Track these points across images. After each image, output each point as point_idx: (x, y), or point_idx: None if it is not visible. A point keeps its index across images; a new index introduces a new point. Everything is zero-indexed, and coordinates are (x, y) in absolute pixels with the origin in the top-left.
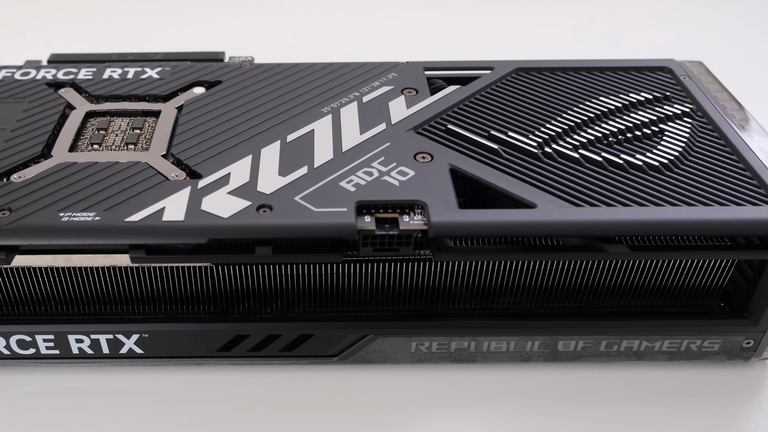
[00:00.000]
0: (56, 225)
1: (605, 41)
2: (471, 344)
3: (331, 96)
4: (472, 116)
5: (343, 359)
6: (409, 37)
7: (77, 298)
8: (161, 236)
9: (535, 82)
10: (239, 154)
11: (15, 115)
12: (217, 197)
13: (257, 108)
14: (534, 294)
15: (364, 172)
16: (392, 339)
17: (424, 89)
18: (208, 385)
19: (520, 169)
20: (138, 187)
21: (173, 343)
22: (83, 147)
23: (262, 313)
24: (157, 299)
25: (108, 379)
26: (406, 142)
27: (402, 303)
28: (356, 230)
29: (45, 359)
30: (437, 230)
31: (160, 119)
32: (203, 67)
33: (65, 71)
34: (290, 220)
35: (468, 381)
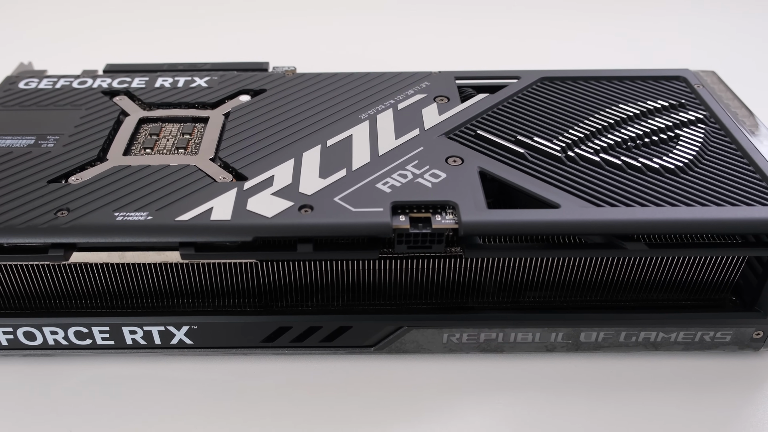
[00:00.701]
0: (111, 224)
1: (624, 52)
2: (499, 335)
3: (368, 103)
4: (500, 122)
5: (379, 349)
6: (441, 48)
7: (131, 292)
8: (209, 234)
9: (559, 90)
10: (282, 158)
11: (73, 122)
12: (262, 198)
13: (299, 115)
14: (558, 288)
15: (399, 175)
16: (425, 330)
17: (455, 97)
18: (253, 374)
19: (545, 172)
20: (188, 189)
21: (220, 335)
22: (136, 151)
23: (303, 307)
24: (206, 293)
25: (159, 368)
26: (439, 146)
27: (434, 297)
28: (392, 229)
29: (100, 349)
30: (467, 229)
31: (209, 125)
32: (248, 77)
33: (120, 80)
34: (330, 220)
35: (496, 370)
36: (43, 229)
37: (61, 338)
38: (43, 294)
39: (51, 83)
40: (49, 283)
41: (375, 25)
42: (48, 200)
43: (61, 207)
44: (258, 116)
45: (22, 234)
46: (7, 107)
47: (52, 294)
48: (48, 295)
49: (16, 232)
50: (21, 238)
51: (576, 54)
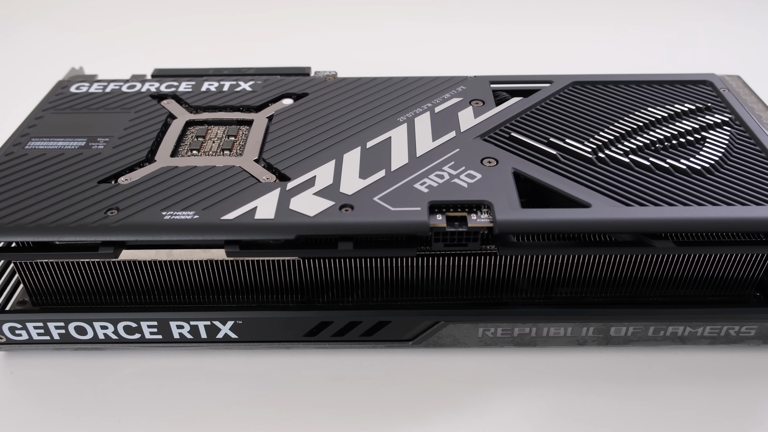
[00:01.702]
0: (159, 223)
1: (652, 57)
2: (532, 330)
3: (406, 107)
4: (533, 125)
5: (417, 343)
6: (476, 53)
7: (178, 288)
8: (254, 233)
9: (590, 94)
10: (324, 159)
11: (122, 124)
12: (304, 198)
13: (340, 117)
14: (589, 285)
15: (436, 175)
16: (461, 325)
17: (490, 100)
18: (295, 367)
19: (576, 173)
20: (233, 189)
21: (264, 329)
22: (183, 152)
23: (344, 302)
24: (250, 289)
25: (205, 361)
26: (474, 148)
27: (470, 293)
28: (429, 227)
29: (149, 343)
30: (502, 227)
31: (253, 127)
32: (291, 81)
33: (167, 84)
34: (369, 218)
35: (529, 363)
36: (93, 227)
37: (110, 332)
38: (94, 290)
39: (101, 87)
40: (100, 279)
41: (413, 30)
42: (98, 200)
43: (111, 206)
44: (300, 119)
45: (74, 232)
46: (59, 110)
47: (102, 290)
48: (98, 291)
49: (67, 231)
50: (72, 236)
51: (606, 59)
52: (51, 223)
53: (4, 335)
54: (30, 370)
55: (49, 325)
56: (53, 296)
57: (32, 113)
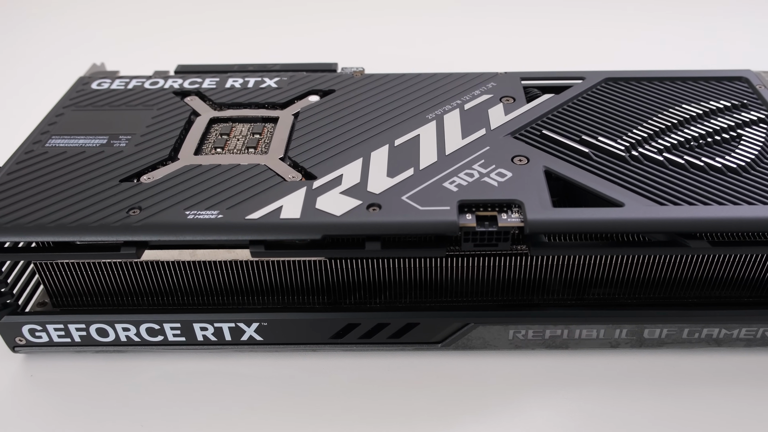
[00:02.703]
0: (182, 222)
1: (687, 53)
2: (564, 332)
3: (435, 104)
4: (565, 122)
5: (446, 346)
6: (506, 49)
7: (201, 289)
8: (279, 233)
9: (623, 90)
10: (351, 157)
11: (145, 121)
12: (331, 197)
13: (367, 115)
14: (622, 285)
15: (465, 174)
16: (491, 327)
17: (520, 97)
18: (322, 370)
19: (609, 171)
20: (258, 188)
21: (290, 331)
22: (207, 150)
23: (371, 304)
24: (275, 290)
25: (230, 364)
26: (505, 146)
27: (500, 294)
28: (458, 227)
29: (172, 345)
30: (533, 227)
31: (278, 125)
32: (317, 77)
33: (191, 81)
34: (398, 218)
35: (561, 365)
36: (115, 227)
37: (133, 334)
38: (116, 291)
39: (123, 84)
40: (122, 280)
41: (442, 26)
42: (120, 199)
43: (133, 205)
44: (327, 116)
45: (95, 232)
46: (80, 107)
47: (124, 291)
48: (120, 292)
49: (89, 231)
50: (94, 236)
51: (639, 54)
52: (72, 222)
53: (23, 337)
54: (50, 373)
55: (69, 327)
56: (74, 297)
57: (53, 110)
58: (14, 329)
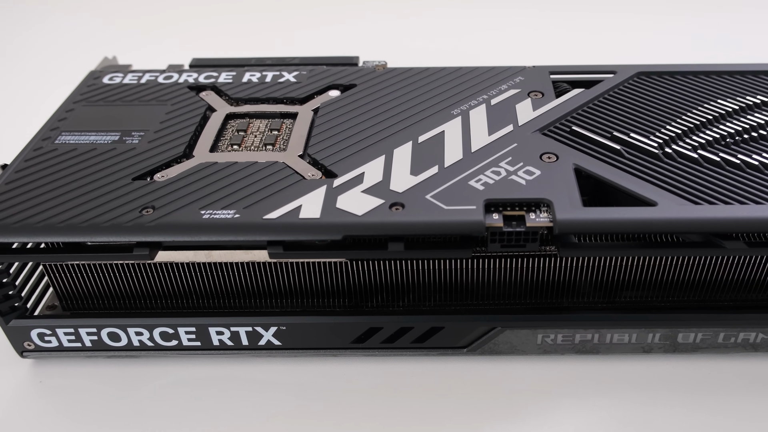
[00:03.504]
0: (197, 222)
1: (723, 46)
2: (594, 336)
3: (460, 99)
4: (596, 118)
5: (472, 350)
6: (535, 42)
7: (217, 292)
8: (298, 233)
9: (656, 85)
10: (373, 155)
11: (158, 117)
12: (352, 195)
13: (390, 110)
14: (655, 288)
15: (492, 172)
16: (519, 331)
17: (549, 92)
18: (342, 376)
19: (642, 169)
20: (276, 186)
21: (309, 335)
22: (223, 147)
23: (394, 307)
24: (294, 293)
25: (247, 370)
26: (533, 142)
27: (528, 297)
28: (485, 227)
29: (187, 350)
30: (562, 227)
31: (297, 121)
32: (338, 71)
33: (206, 75)
34: (421, 218)
35: (591, 371)
36: (127, 227)
37: (146, 339)
38: (128, 294)
39: (136, 78)
40: (134, 282)
41: (468, 18)
42: (133, 198)
43: (146, 205)
44: (348, 112)
45: (107, 232)
46: (91, 103)
47: (137, 294)
48: (133, 295)
49: (100, 231)
50: (105, 236)
51: (673, 48)
52: (82, 222)
53: (32, 342)
54: (60, 379)
55: (80, 331)
56: (85, 300)
57: (62, 106)
58: (23, 333)
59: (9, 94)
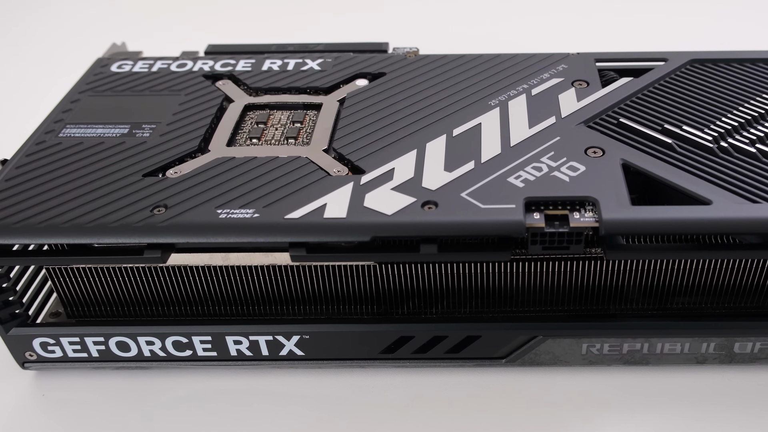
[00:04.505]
0: (214, 222)
1: None
2: (644, 346)
3: (498, 88)
4: (645, 109)
5: (512, 361)
6: (579, 27)
7: (235, 298)
8: (323, 234)
9: (711, 73)
10: (403, 149)
11: (171, 109)
12: (381, 193)
13: (422, 101)
14: (709, 293)
15: (533, 168)
16: (562, 340)
17: (595, 81)
18: (371, 388)
19: (695, 165)
20: (298, 183)
21: (335, 345)
22: (241, 141)
23: (427, 314)
24: (318, 299)
25: (267, 382)
26: (577, 136)
27: (572, 303)
28: (525, 227)
29: (202, 361)
30: (609, 227)
31: (322, 112)
32: (366, 59)
33: (223, 63)
34: (456, 217)
35: (641, 384)
36: (138, 227)
37: (157, 349)
38: (138, 300)
39: (147, 66)
40: (145, 288)
41: (507, 1)
42: (143, 196)
43: (158, 203)
44: (376, 102)
45: (115, 233)
46: (98, 93)
47: (148, 300)
48: (143, 301)
49: (108, 232)
50: (114, 238)
51: (729, 33)
52: (89, 222)
53: (34, 352)
54: (64, 392)
55: (86, 340)
56: (91, 307)
57: (67, 96)
58: (24, 343)
59: (9, 83)
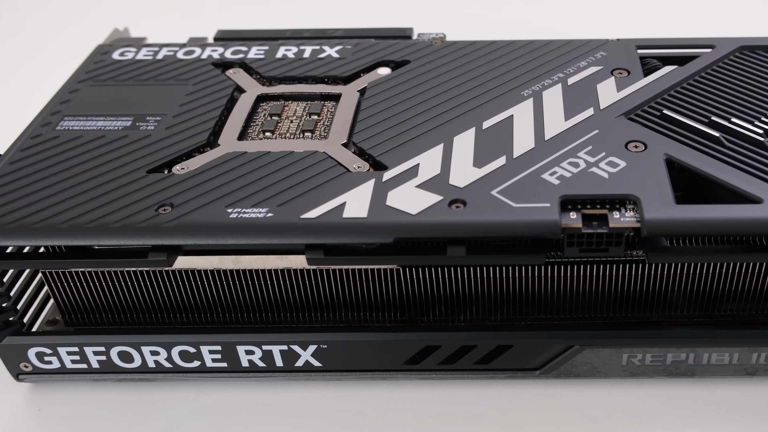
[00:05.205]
0: (224, 222)
1: None
2: (689, 356)
3: (532, 77)
4: (691, 100)
5: (546, 373)
6: (620, 11)
7: (247, 304)
8: (342, 235)
9: (762, 61)
10: (429, 143)
11: (177, 99)
12: (405, 191)
13: (449, 91)
14: (760, 299)
15: (569, 163)
16: (601, 350)
17: (636, 70)
18: (393, 402)
19: (745, 160)
20: (315, 180)
21: (355, 355)
22: (254, 135)
23: (454, 322)
24: (337, 306)
25: (281, 396)
26: (617, 129)
27: (611, 310)
28: (561, 228)
29: (211, 373)
30: (651, 228)
31: (340, 104)
32: (389, 45)
33: (234, 50)
34: (486, 217)
35: (686, 397)
36: (141, 228)
37: (163, 360)
38: (142, 307)
39: (151, 53)
40: (150, 293)
41: None
42: (147, 194)
43: (164, 202)
44: (400, 93)
45: (117, 234)
46: (98, 82)
47: (152, 307)
48: (148, 308)
49: (109, 233)
50: (115, 239)
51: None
52: (88, 222)
53: (30, 363)
54: (62, 406)
55: (86, 350)
56: (91, 314)
57: (65, 85)
58: (19, 353)
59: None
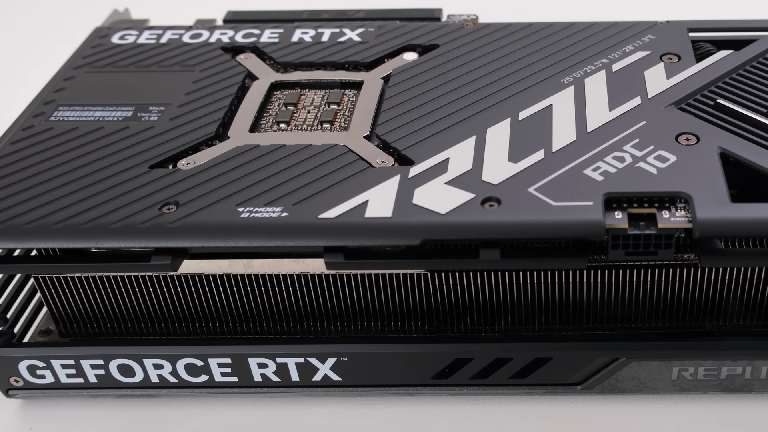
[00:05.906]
0: (234, 222)
1: None
2: (746, 369)
3: (573, 63)
4: (748, 88)
5: (588, 388)
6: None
7: (259, 313)
8: (364, 236)
9: None
10: (460, 136)
11: (183, 88)
12: (433, 188)
13: (482, 78)
14: None
15: (613, 158)
16: (649, 363)
17: (688, 55)
18: (420, 421)
19: None
20: (335, 176)
21: (378, 369)
22: (267, 126)
23: (487, 332)
24: (358, 314)
25: (297, 414)
26: (666, 120)
27: (660, 319)
28: (604, 229)
29: (220, 388)
30: (704, 229)
31: (362, 92)
32: (415, 28)
33: (245, 33)
34: (523, 217)
35: (743, 414)
36: (143, 229)
37: (167, 374)
38: (144, 315)
39: (154, 37)
40: (152, 300)
41: None
42: (150, 191)
43: (168, 200)
44: (427, 80)
45: (117, 236)
46: (96, 69)
47: (155, 316)
48: (150, 317)
49: (108, 234)
50: (115, 241)
51: None
52: (85, 223)
53: (21, 377)
54: (56, 424)
55: (82, 363)
56: (88, 323)
57: (60, 72)
58: (8, 366)
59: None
